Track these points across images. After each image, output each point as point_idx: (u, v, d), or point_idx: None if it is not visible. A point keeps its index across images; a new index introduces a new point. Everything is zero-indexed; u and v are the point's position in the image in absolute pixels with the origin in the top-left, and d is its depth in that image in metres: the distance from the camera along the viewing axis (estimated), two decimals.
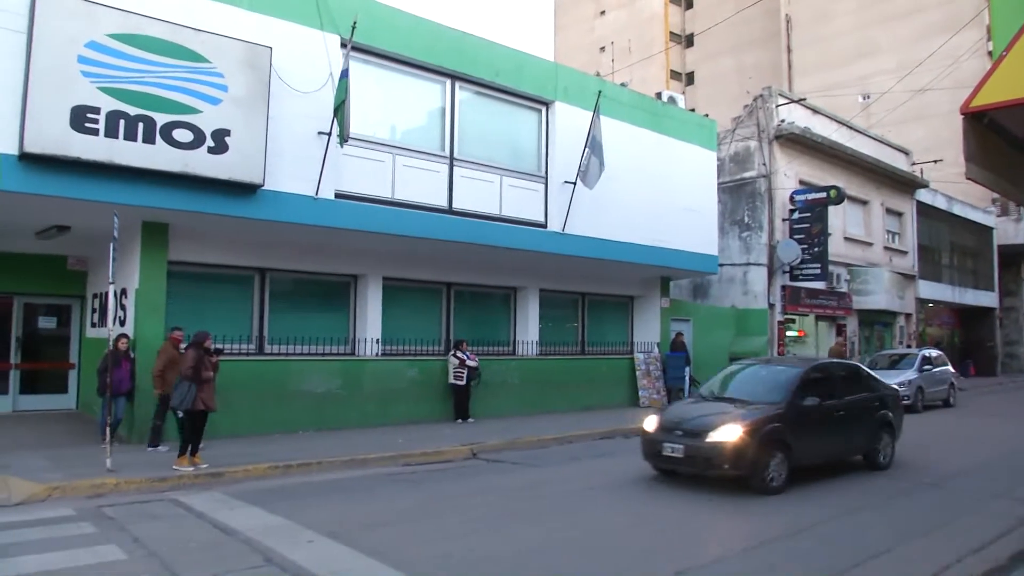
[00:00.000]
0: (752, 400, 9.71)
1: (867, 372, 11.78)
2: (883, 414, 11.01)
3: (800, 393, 9.74)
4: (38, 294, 15.74)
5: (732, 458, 8.86)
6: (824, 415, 9.98)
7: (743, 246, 23.66)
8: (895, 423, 11.23)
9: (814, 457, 9.93)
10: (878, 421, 10.89)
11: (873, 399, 11.02)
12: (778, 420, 9.28)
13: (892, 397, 11.60)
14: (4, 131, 9.63)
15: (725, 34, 44.58)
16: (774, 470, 9.08)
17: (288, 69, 11.99)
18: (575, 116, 16.06)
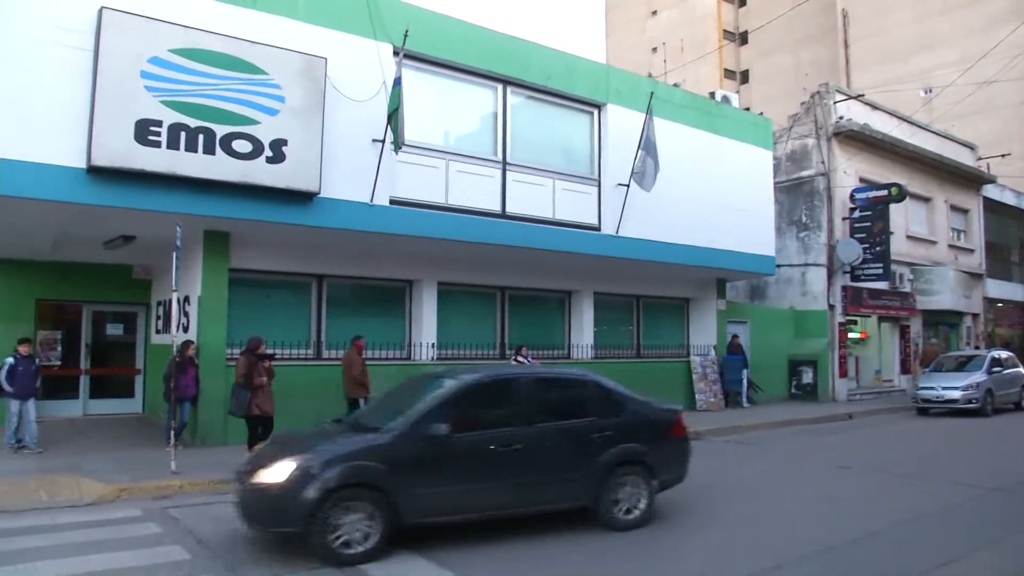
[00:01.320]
0: (380, 426, 7.05)
1: (609, 390, 8.21)
2: (625, 450, 7.70)
3: (428, 419, 6.91)
4: (106, 302, 16.27)
5: (274, 510, 6.50)
6: (472, 450, 7.04)
7: (801, 246, 23.22)
8: (657, 463, 7.91)
9: (450, 510, 6.95)
10: (612, 460, 7.63)
11: (600, 428, 7.70)
12: (372, 456, 6.62)
13: (651, 425, 8.16)
14: (73, 145, 9.99)
15: (780, 30, 43.81)
16: (350, 529, 6.40)
17: (342, 78, 12.18)
18: (627, 118, 15.97)
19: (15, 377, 11.26)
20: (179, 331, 12.71)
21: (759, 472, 11.38)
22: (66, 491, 9.01)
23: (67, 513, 8.21)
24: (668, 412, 8.44)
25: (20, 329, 15.09)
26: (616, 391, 8.19)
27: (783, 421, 17.12)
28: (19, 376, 11.27)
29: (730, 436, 15.02)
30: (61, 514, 8.17)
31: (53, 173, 9.89)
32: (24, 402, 11.33)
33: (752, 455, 12.97)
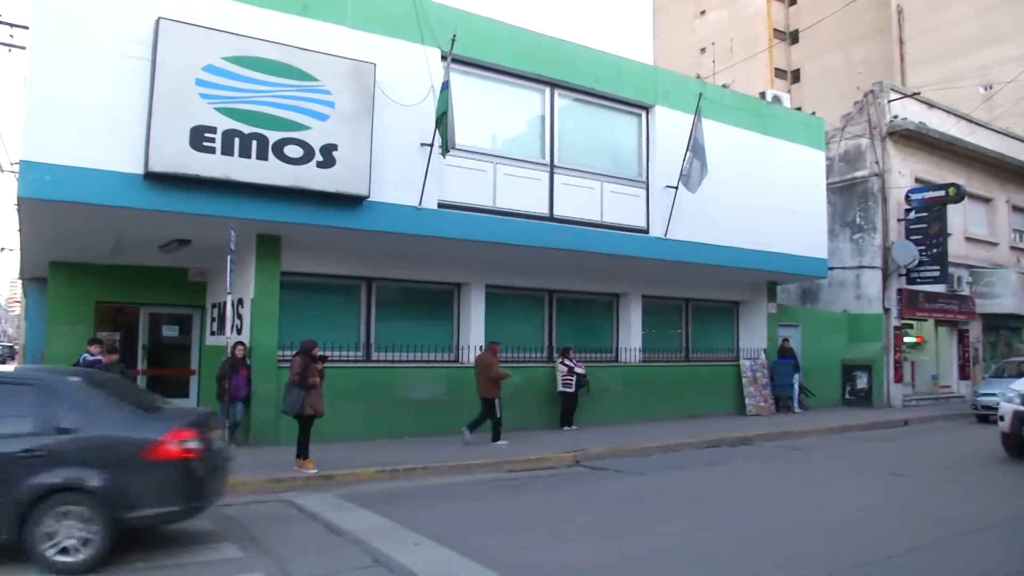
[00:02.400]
0: None
1: (61, 400, 6.34)
2: (63, 476, 6.03)
3: None
4: (162, 304, 16.65)
5: None
6: None
7: (855, 248, 22.76)
8: (117, 494, 6.09)
9: None
10: (40, 487, 5.94)
11: (31, 447, 6.01)
12: None
13: (112, 446, 6.26)
14: (131, 152, 10.28)
15: (832, 29, 42.98)
16: None
17: (391, 83, 12.32)
18: (676, 120, 15.85)
19: None
20: (233, 333, 12.96)
21: (808, 477, 11.18)
22: None
23: None
24: (148, 431, 6.40)
25: (81, 330, 15.56)
26: (76, 401, 6.45)
27: (836, 427, 16.79)
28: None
29: (781, 441, 14.78)
30: None
31: (112, 179, 10.19)
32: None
33: (802, 460, 12.74)
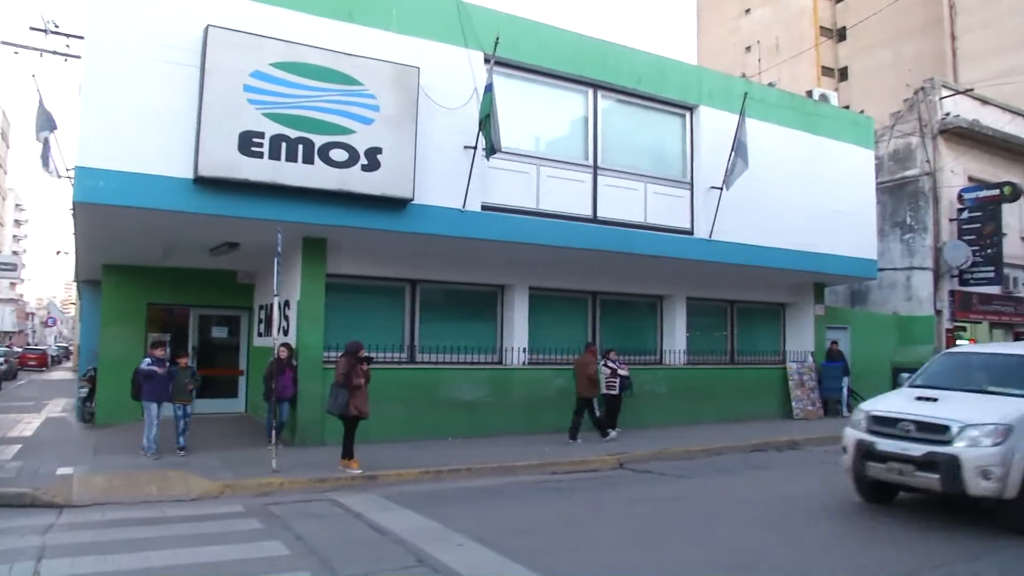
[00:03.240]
0: None
1: None
2: None
3: None
4: (211, 306, 17.01)
5: None
6: None
7: (905, 249, 22.31)
8: None
9: None
10: None
11: None
12: None
13: None
14: (181, 158, 10.50)
15: (881, 25, 42.16)
16: None
17: (434, 86, 12.39)
18: (721, 120, 15.69)
19: (153, 380, 11.42)
20: (279, 334, 13.18)
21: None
22: (174, 486, 9.46)
23: (175, 507, 8.63)
24: None
25: (133, 331, 15.96)
26: None
27: None
28: (156, 379, 11.42)
29: (829, 446, 14.48)
30: (170, 507, 8.59)
31: (163, 184, 10.42)
32: (160, 405, 11.49)
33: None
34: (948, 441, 7.65)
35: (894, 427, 8.21)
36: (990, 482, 7.31)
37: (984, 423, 7.57)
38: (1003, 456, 7.33)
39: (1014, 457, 7.32)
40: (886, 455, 8.11)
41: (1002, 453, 7.34)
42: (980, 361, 9.43)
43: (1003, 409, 7.76)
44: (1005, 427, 7.45)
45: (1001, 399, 8.07)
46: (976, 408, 8.00)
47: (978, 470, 7.35)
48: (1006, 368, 8.79)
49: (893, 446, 8.10)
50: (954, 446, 7.59)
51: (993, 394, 8.24)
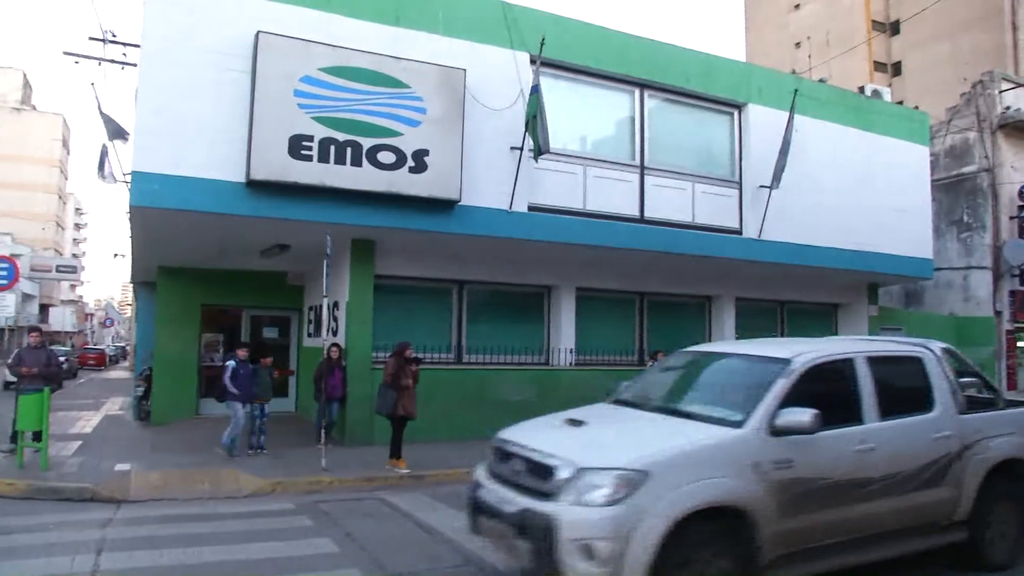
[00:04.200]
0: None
1: None
2: None
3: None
4: (262, 307, 17.31)
5: None
6: None
7: (963, 248, 21.72)
8: None
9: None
10: None
11: None
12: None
13: None
14: (234, 162, 10.71)
15: (936, 17, 41.08)
16: None
17: (481, 88, 12.44)
18: (770, 117, 15.45)
19: (238, 380, 11.64)
20: (328, 335, 13.35)
21: None
22: (227, 483, 9.65)
23: (227, 504, 8.81)
24: None
25: (187, 331, 16.32)
26: None
27: None
28: (241, 379, 11.66)
29: None
30: (222, 504, 8.78)
31: (216, 187, 10.64)
32: (245, 405, 11.67)
33: None
34: (552, 493, 5.00)
35: (507, 464, 5.71)
36: (593, 565, 4.67)
37: (604, 466, 4.92)
38: (618, 522, 4.69)
39: (639, 524, 4.68)
40: (488, 508, 5.55)
41: (617, 517, 4.70)
42: (708, 365, 6.97)
43: (646, 444, 5.31)
44: (633, 474, 4.82)
45: (673, 425, 5.71)
46: (607, 441, 5.61)
47: (577, 544, 4.70)
48: (726, 376, 6.57)
49: (495, 495, 5.55)
50: (554, 501, 4.94)
51: (682, 416, 5.84)
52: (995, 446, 6.49)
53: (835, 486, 5.53)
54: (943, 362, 6.63)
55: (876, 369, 6.15)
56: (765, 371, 5.86)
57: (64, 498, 8.90)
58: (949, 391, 6.46)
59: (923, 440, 6.10)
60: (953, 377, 6.59)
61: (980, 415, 6.66)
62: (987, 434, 6.50)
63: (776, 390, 5.58)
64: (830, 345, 6.72)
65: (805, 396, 5.56)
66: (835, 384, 6.06)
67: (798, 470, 5.37)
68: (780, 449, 5.34)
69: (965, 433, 6.33)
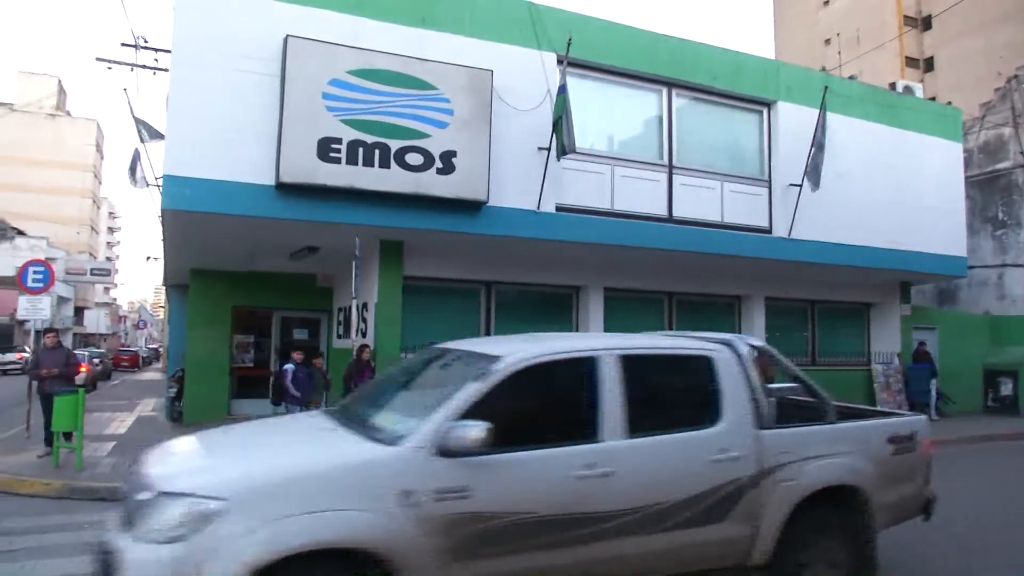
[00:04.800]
0: None
1: None
2: None
3: None
4: (292, 308, 17.47)
5: None
6: None
7: (997, 246, 21.37)
8: None
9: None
10: None
11: None
12: None
13: None
14: (263, 165, 10.80)
15: (969, 11, 40.45)
16: None
17: (507, 89, 12.44)
18: (799, 115, 15.30)
19: (298, 383, 11.78)
20: (358, 336, 13.42)
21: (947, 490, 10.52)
22: None
23: None
24: None
25: (219, 333, 16.50)
26: None
27: (978, 436, 15.78)
28: (300, 382, 11.79)
29: None
30: None
31: (246, 190, 10.73)
32: (302, 407, 11.76)
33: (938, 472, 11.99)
34: (130, 522, 4.06)
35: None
36: None
37: (175, 491, 3.93)
38: (174, 566, 3.71)
39: (202, 570, 3.68)
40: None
41: (176, 559, 3.71)
42: (434, 364, 5.74)
43: (246, 464, 4.30)
44: (205, 503, 3.80)
45: (327, 441, 4.68)
46: (215, 460, 4.60)
47: None
48: (440, 379, 5.40)
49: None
50: (127, 533, 3.99)
51: (365, 428, 4.71)
52: (812, 470, 5.25)
53: (544, 523, 4.31)
54: (746, 364, 5.38)
55: (633, 372, 4.90)
56: (468, 374, 4.68)
57: (98, 498, 9.02)
58: (746, 401, 5.20)
59: (696, 462, 4.87)
60: (758, 383, 5.33)
61: (791, 431, 5.41)
62: (801, 455, 5.24)
63: (462, 398, 4.41)
64: (575, 341, 5.64)
65: (512, 405, 4.56)
66: (562, 390, 4.98)
67: (478, 502, 4.17)
68: (452, 474, 4.17)
69: (766, 453, 5.09)
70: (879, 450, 5.68)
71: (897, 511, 5.82)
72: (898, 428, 5.95)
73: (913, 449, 5.94)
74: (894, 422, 6.07)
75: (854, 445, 5.55)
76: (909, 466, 5.92)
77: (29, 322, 14.01)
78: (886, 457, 5.69)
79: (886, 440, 5.76)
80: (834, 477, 5.35)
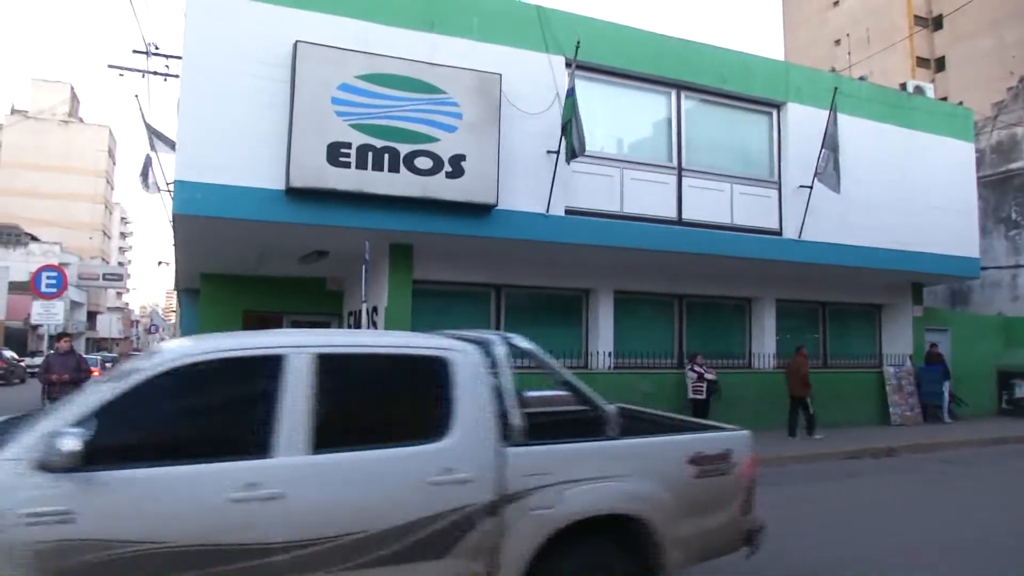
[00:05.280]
0: None
1: None
2: None
3: None
4: (302, 312, 17.49)
5: None
6: None
7: (1011, 246, 21.25)
8: None
9: None
10: None
11: None
12: None
13: None
14: (273, 169, 10.86)
15: (980, 10, 40.23)
16: None
17: (516, 92, 12.46)
18: (809, 116, 15.26)
19: None
20: None
21: (960, 493, 10.48)
22: None
23: None
24: None
25: None
26: None
27: (992, 439, 15.66)
28: None
29: (929, 453, 13.95)
30: None
31: (256, 195, 10.79)
32: None
33: (954, 475, 11.96)
34: None
35: None
36: None
37: None
38: None
39: None
40: None
41: None
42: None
43: None
44: None
45: None
46: None
47: None
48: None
49: None
50: None
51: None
52: (575, 496, 4.38)
53: (181, 556, 3.59)
54: (499, 368, 4.62)
55: (334, 376, 4.20)
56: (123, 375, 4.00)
57: None
58: (487, 412, 4.40)
59: (406, 485, 4.11)
60: (511, 391, 4.53)
61: (550, 448, 4.52)
62: (562, 477, 4.38)
63: (84, 402, 3.80)
64: (263, 337, 4.47)
65: (157, 413, 3.96)
66: (229, 396, 4.17)
67: (85, 528, 3.48)
68: (53, 493, 3.48)
69: (511, 475, 4.28)
70: (675, 472, 4.78)
71: (702, 546, 4.89)
72: (703, 446, 5.03)
73: (726, 471, 5.02)
74: (697, 439, 5.15)
75: (640, 466, 4.67)
76: (720, 491, 4.99)
77: (42, 326, 14.10)
78: (686, 480, 4.80)
79: (686, 460, 4.85)
80: (604, 504, 4.48)
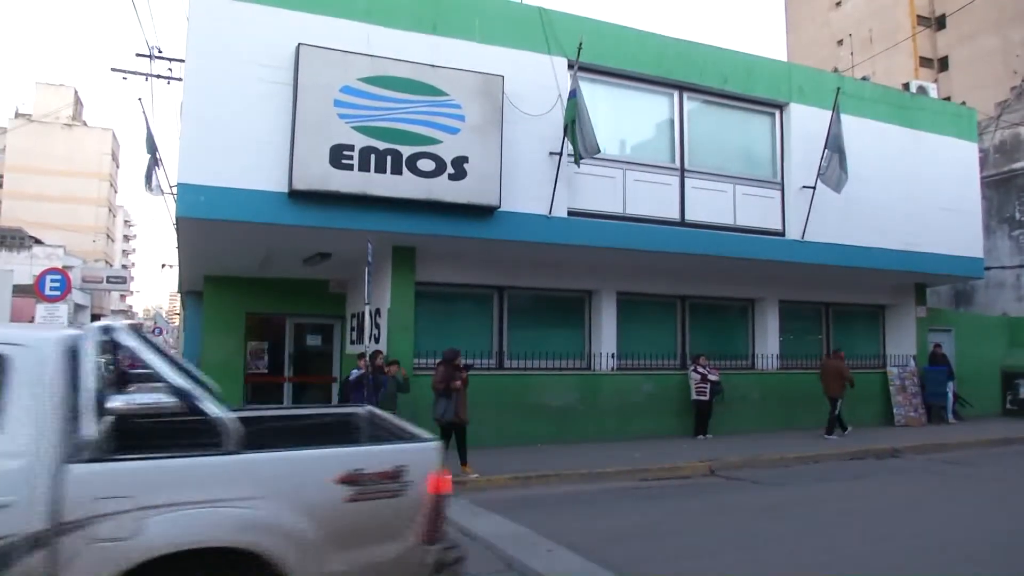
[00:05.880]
0: None
1: None
2: None
3: None
4: (305, 315, 17.52)
5: None
6: None
7: (1015, 246, 21.19)
8: None
9: None
10: None
11: None
12: None
13: None
14: (276, 172, 10.88)
15: (984, 10, 40.07)
16: None
17: (519, 94, 12.47)
18: (812, 117, 15.25)
19: (359, 390, 11.66)
20: (371, 342, 13.46)
21: (964, 494, 10.46)
22: None
23: None
24: None
25: (233, 339, 16.57)
26: None
27: (997, 439, 15.60)
28: (362, 389, 11.67)
29: (933, 454, 13.91)
30: None
31: (260, 198, 10.81)
32: None
33: (958, 475, 11.92)
34: None
35: None
36: None
37: None
38: None
39: None
40: None
41: None
42: None
43: None
44: None
45: None
46: None
47: None
48: None
49: None
50: None
51: None
52: (160, 525, 3.50)
53: None
54: (80, 363, 3.73)
55: None
56: None
57: None
58: (47, 420, 3.54)
59: None
60: (91, 392, 3.65)
61: (132, 465, 3.65)
62: (146, 501, 3.51)
63: None
64: None
65: None
66: None
67: None
68: None
69: (72, 498, 3.42)
70: (318, 495, 3.91)
71: None
72: (361, 462, 4.05)
73: (397, 493, 4.08)
74: (351, 453, 4.19)
75: (267, 488, 3.80)
76: (389, 517, 4.09)
77: None
78: (334, 505, 3.92)
79: (334, 480, 3.93)
80: (204, 535, 3.59)
